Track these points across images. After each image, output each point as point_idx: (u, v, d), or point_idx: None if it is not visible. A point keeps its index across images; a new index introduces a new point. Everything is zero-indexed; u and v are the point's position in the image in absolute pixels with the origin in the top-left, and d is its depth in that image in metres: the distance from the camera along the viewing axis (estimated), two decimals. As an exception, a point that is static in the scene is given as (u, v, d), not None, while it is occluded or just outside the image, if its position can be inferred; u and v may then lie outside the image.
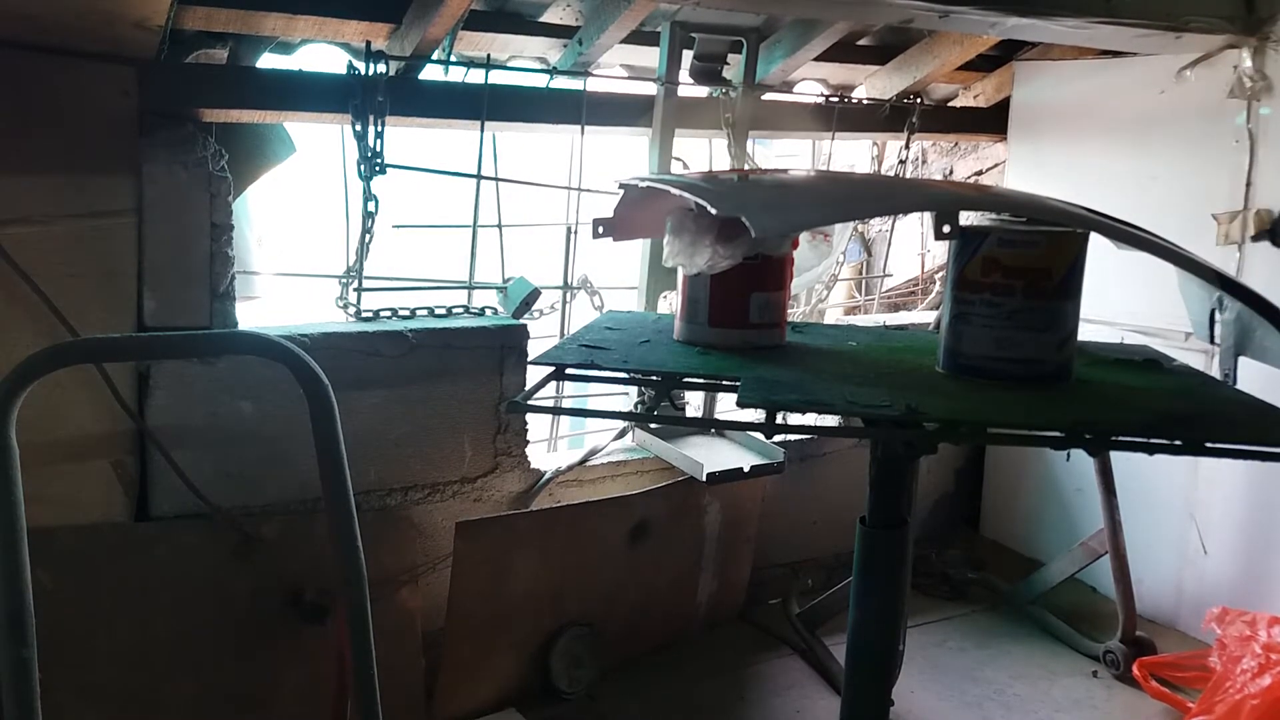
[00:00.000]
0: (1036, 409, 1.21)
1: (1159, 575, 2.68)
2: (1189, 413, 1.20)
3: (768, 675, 2.44)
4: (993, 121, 3.13)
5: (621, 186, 2.33)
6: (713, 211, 1.34)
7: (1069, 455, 2.78)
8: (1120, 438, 1.13)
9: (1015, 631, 2.67)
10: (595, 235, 2.35)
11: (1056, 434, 1.14)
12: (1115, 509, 2.43)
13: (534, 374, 2.37)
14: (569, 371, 1.49)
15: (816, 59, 2.71)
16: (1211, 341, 2.03)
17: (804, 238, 2.68)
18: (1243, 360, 1.94)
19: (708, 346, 1.58)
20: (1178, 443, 1.08)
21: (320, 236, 2.55)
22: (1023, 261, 1.27)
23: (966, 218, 1.32)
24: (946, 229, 1.24)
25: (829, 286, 3.14)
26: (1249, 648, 2.06)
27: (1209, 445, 1.08)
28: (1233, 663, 2.06)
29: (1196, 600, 2.57)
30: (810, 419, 2.35)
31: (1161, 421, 1.15)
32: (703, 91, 2.62)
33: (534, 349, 2.33)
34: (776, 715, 2.29)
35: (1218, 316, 2.00)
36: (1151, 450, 1.08)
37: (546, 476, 2.41)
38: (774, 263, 1.60)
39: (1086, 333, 1.36)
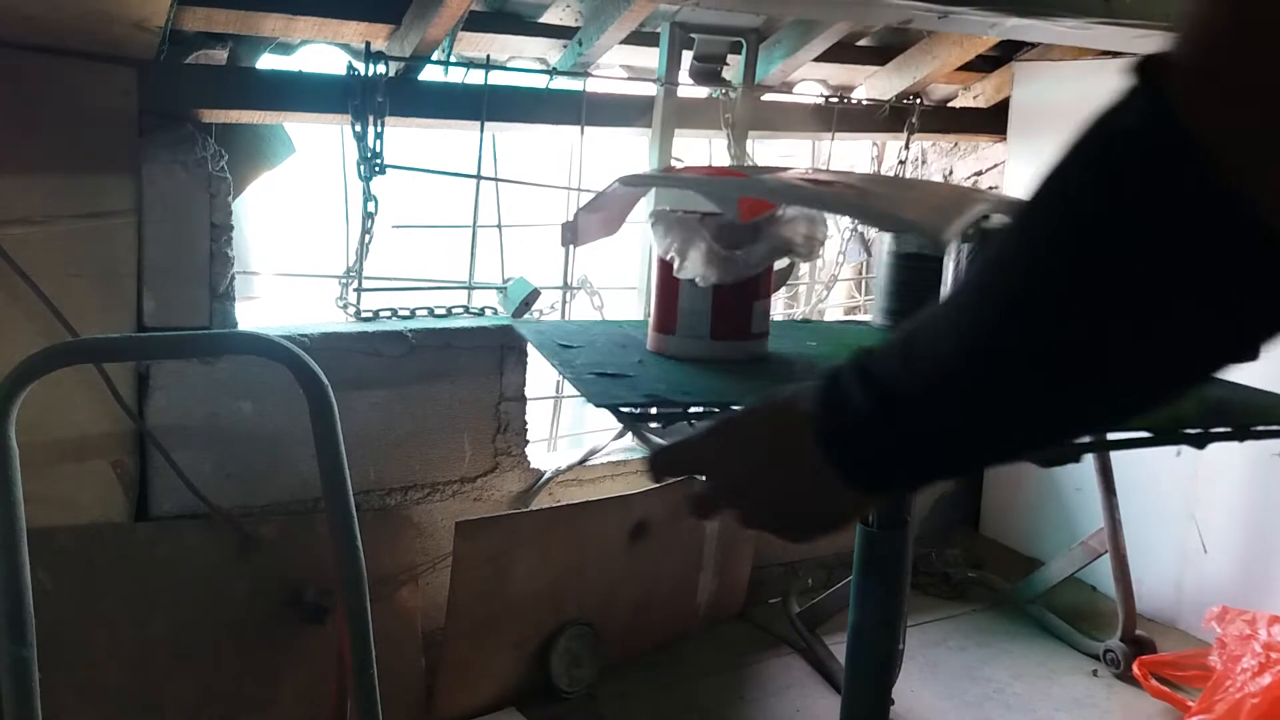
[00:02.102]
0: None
1: (1159, 574, 2.68)
2: (1223, 400, 1.20)
3: (767, 674, 2.44)
4: (992, 122, 3.13)
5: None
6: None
7: (1179, 451, 2.76)
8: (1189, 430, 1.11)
9: (1015, 630, 2.67)
10: (564, 243, 2.32)
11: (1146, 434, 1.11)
12: (1115, 508, 2.43)
13: (534, 375, 2.37)
14: (624, 412, 1.31)
15: (816, 59, 2.71)
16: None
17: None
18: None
19: (709, 361, 1.52)
20: (1228, 430, 1.08)
21: (320, 236, 2.54)
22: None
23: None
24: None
25: (829, 287, 3.14)
26: (1249, 646, 2.06)
27: (1253, 430, 1.08)
28: (1233, 661, 2.06)
29: (1197, 599, 2.57)
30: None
31: (1209, 412, 1.14)
32: (703, 92, 2.62)
33: (534, 348, 2.33)
34: (776, 714, 2.29)
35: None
36: (1203, 443, 1.07)
37: (546, 476, 2.41)
38: (769, 268, 1.57)
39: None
